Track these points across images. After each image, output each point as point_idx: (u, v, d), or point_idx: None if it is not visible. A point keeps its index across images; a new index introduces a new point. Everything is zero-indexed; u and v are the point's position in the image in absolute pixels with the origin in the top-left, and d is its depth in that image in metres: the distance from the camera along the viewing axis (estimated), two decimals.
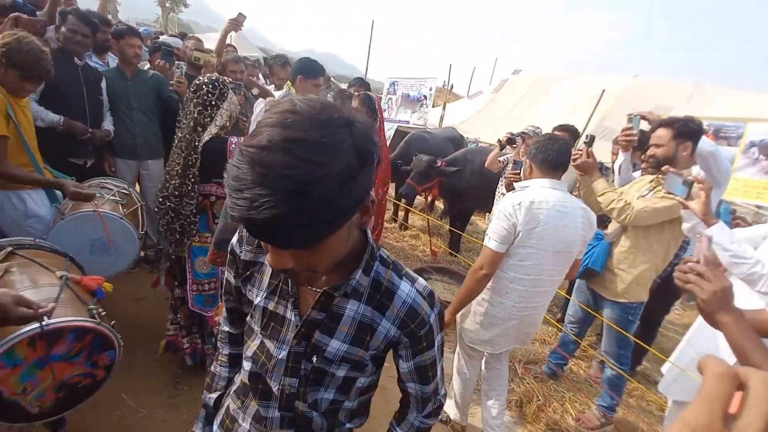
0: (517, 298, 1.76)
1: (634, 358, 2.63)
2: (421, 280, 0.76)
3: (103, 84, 2.61)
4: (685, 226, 1.68)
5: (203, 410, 0.94)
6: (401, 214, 5.30)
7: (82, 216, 1.86)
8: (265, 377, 0.76)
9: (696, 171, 2.24)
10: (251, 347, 0.78)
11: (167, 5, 24.66)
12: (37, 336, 1.12)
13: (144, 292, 2.64)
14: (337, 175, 0.47)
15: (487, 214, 4.71)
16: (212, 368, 0.95)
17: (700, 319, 1.52)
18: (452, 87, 10.80)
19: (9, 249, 1.36)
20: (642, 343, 2.33)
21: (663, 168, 1.86)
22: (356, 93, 2.74)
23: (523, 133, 3.21)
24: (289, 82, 2.69)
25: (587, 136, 2.36)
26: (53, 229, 1.84)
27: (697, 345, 1.58)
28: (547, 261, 1.71)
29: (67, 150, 2.41)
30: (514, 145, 3.05)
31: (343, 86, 4.83)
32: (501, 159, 3.35)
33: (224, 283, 0.86)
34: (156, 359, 2.18)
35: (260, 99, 2.95)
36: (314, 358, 0.72)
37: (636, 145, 2.35)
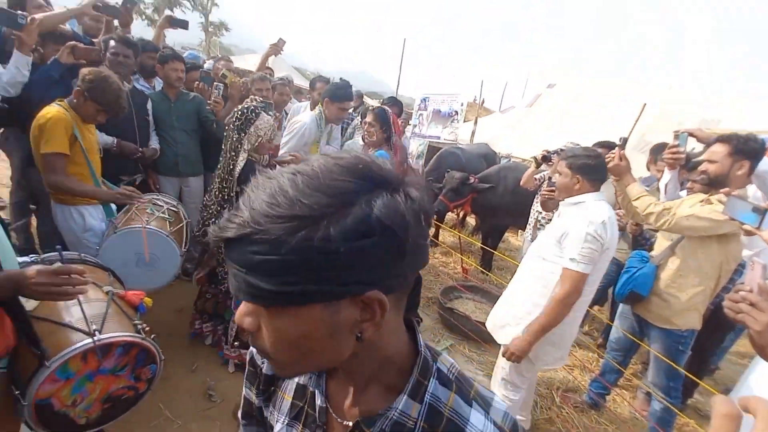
0: (585, 309, 1.80)
1: (685, 390, 2.44)
2: (498, 401, 0.54)
3: (149, 105, 2.77)
4: (746, 252, 1.55)
5: None
6: (431, 230, 5.25)
7: (130, 232, 1.98)
8: None
9: (752, 192, 2.09)
10: None
11: (210, 30, 26.24)
12: (90, 350, 1.17)
13: (183, 303, 2.73)
14: (319, 236, 0.37)
15: (520, 231, 4.58)
16: None
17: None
18: (483, 101, 10.71)
19: (57, 263, 1.45)
20: (693, 377, 2.15)
21: (722, 191, 1.74)
22: (371, 108, 2.80)
23: (560, 150, 3.13)
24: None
25: (620, 138, 2.24)
26: (105, 242, 1.97)
27: (754, 383, 1.44)
28: (606, 267, 1.78)
29: (119, 169, 2.56)
30: (550, 163, 2.98)
31: (375, 103, 4.89)
32: (537, 177, 3.27)
33: (242, 402, 0.69)
34: (192, 370, 2.24)
35: (296, 119, 3.02)
36: None
37: (683, 163, 2.24)
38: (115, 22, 2.89)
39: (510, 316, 1.92)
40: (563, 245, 1.72)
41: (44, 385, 1.11)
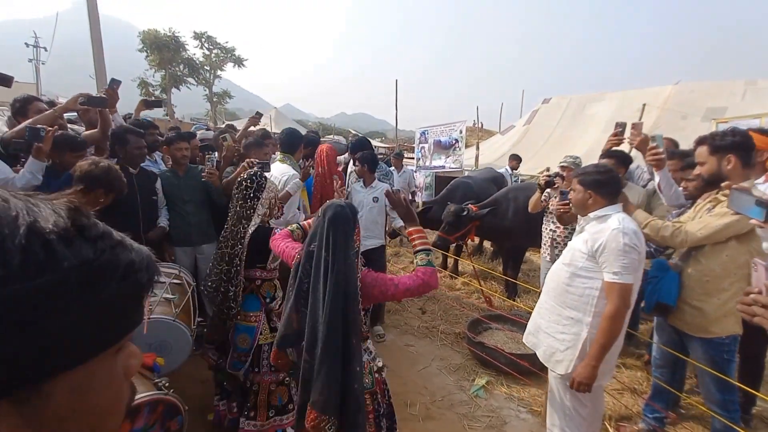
0: (626, 322, 1.76)
1: (745, 401, 2.25)
2: None
3: (158, 185, 2.91)
4: (765, 245, 1.48)
5: None
6: (450, 262, 5.16)
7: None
8: None
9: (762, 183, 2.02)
10: None
11: (214, 100, 27.87)
12: (144, 405, 1.28)
13: (207, 373, 2.69)
14: None
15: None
16: None
17: None
18: (482, 125, 10.88)
19: None
20: (745, 387, 1.97)
21: (723, 185, 1.77)
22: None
23: (561, 167, 3.12)
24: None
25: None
26: None
27: None
28: (641, 276, 1.77)
29: None
30: (556, 186, 2.97)
31: (375, 142, 5.00)
32: (543, 198, 3.26)
33: None
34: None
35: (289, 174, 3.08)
36: None
37: (666, 161, 2.32)
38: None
39: (558, 342, 1.85)
40: (600, 260, 1.70)
41: None
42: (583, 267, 1.77)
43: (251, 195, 2.01)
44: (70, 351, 0.32)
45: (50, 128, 2.15)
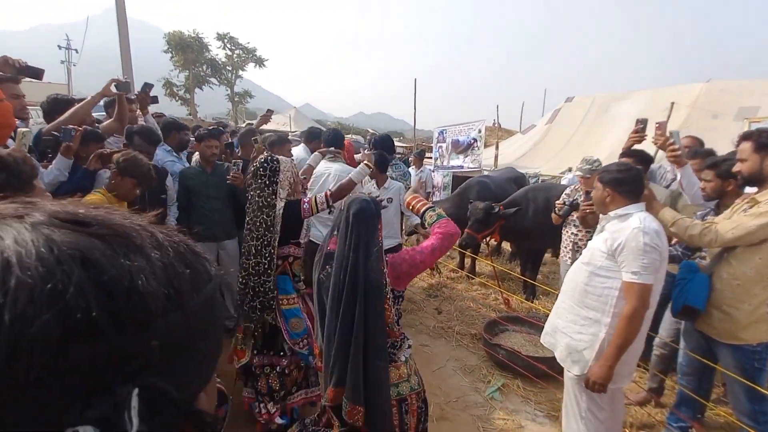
0: (648, 323, 1.74)
1: None
2: None
3: (168, 181, 2.97)
4: None
5: None
6: (468, 262, 5.11)
7: None
8: None
9: None
10: None
11: (236, 99, 28.44)
12: None
13: (228, 367, 2.74)
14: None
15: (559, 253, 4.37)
16: None
17: None
18: (500, 126, 10.73)
19: None
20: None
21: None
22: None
23: (579, 177, 3.07)
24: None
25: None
26: None
27: None
28: (664, 277, 1.74)
29: None
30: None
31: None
32: (562, 201, 3.22)
33: None
34: None
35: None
36: None
37: (688, 156, 2.35)
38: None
39: (575, 343, 1.82)
40: (620, 259, 1.67)
41: None
42: (603, 266, 1.74)
43: (267, 182, 2.00)
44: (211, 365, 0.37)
45: (79, 128, 2.26)
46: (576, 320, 1.83)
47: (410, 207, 1.66)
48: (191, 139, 3.57)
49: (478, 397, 2.74)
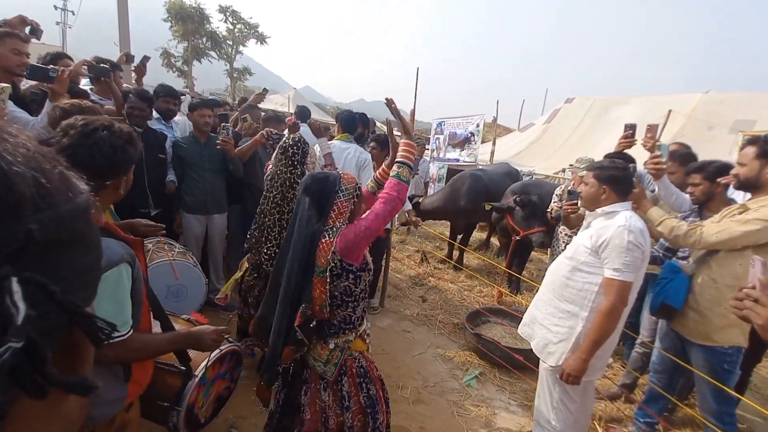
0: (623, 320, 1.78)
1: None
2: None
3: (167, 144, 2.96)
4: None
5: None
6: (456, 253, 5.15)
7: (160, 264, 2.06)
8: None
9: None
10: None
11: (235, 75, 27.91)
12: (218, 359, 1.47)
13: None
14: None
15: (549, 249, 4.42)
16: None
17: None
18: (496, 120, 10.71)
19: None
20: (738, 395, 1.96)
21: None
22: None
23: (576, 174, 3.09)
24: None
25: (631, 166, 2.26)
26: None
27: None
28: (643, 275, 1.78)
29: (134, 203, 2.69)
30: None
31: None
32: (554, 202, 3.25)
33: None
34: None
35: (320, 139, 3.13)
36: None
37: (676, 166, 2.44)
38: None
39: (552, 335, 1.86)
40: (603, 256, 1.70)
41: (193, 391, 1.38)
42: (585, 262, 1.76)
43: (298, 160, 2.10)
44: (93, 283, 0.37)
45: (63, 68, 2.12)
46: (554, 312, 1.86)
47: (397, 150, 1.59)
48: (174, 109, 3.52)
49: (455, 383, 2.79)
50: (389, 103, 1.74)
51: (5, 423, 0.24)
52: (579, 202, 2.31)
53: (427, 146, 8.85)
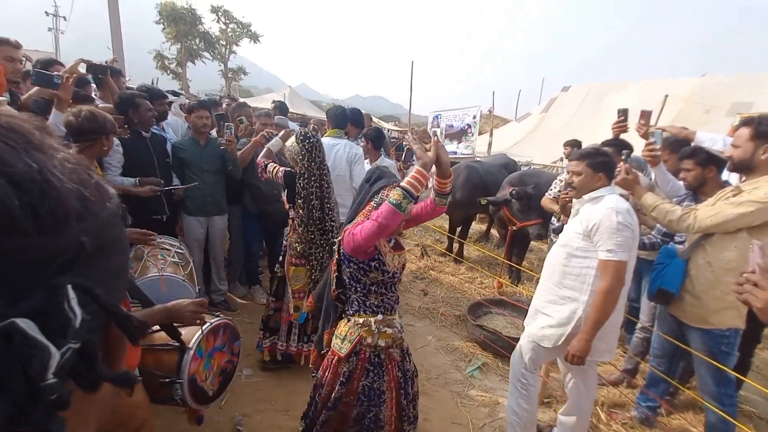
0: (624, 300, 1.84)
1: None
2: None
3: (168, 147, 2.96)
4: None
5: None
6: (456, 246, 5.16)
7: (149, 281, 2.02)
8: None
9: None
10: None
11: (229, 76, 27.77)
12: (210, 331, 1.51)
13: None
14: None
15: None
16: None
17: None
18: (491, 111, 10.69)
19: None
20: (738, 375, 1.98)
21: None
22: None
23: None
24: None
25: (623, 152, 2.26)
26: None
27: None
28: (636, 255, 1.83)
29: (147, 209, 2.71)
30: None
31: (388, 125, 4.99)
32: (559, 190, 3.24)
33: None
34: (220, 406, 2.24)
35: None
36: None
37: (668, 153, 2.44)
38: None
39: (552, 320, 1.90)
40: (595, 239, 1.75)
41: (192, 363, 1.43)
42: (579, 247, 1.81)
43: (317, 155, 2.29)
44: (123, 283, 0.39)
45: (67, 75, 2.10)
46: (555, 300, 1.89)
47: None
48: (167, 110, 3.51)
49: (459, 375, 2.82)
50: (431, 137, 1.82)
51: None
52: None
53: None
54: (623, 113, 2.58)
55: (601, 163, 1.83)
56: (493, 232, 6.05)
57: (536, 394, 2.06)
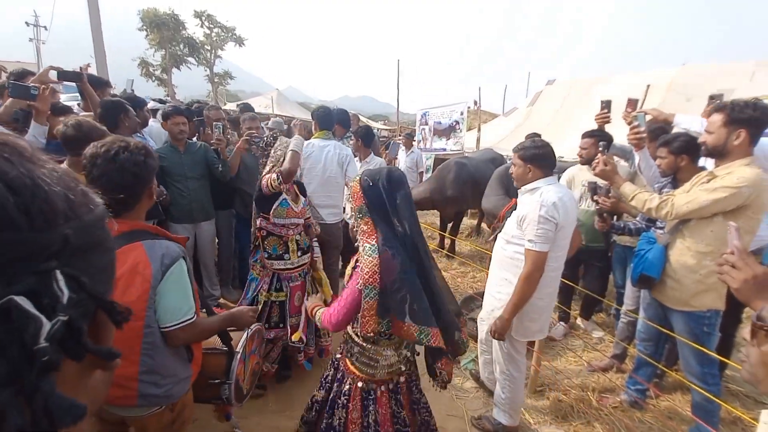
0: (556, 284, 2.03)
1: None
2: None
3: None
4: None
5: None
6: (447, 242, 5.21)
7: None
8: None
9: None
10: None
11: (215, 80, 27.58)
12: (251, 336, 1.66)
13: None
14: None
15: None
16: None
17: None
18: (479, 106, 10.75)
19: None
20: (721, 357, 2.04)
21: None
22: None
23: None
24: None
25: (601, 144, 2.30)
26: None
27: None
28: (568, 244, 1.98)
29: (148, 215, 2.69)
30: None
31: (377, 125, 5.02)
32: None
33: None
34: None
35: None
36: None
37: (648, 141, 2.43)
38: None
39: (496, 301, 2.09)
40: (523, 228, 1.89)
41: (239, 366, 1.54)
42: (515, 235, 1.96)
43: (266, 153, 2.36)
44: (109, 281, 0.44)
45: (44, 86, 2.09)
46: (498, 282, 2.07)
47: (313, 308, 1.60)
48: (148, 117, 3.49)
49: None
50: None
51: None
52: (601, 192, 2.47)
53: (413, 138, 8.88)
54: (606, 105, 2.63)
55: (531, 156, 1.92)
56: (484, 226, 6.11)
57: (523, 364, 2.18)
